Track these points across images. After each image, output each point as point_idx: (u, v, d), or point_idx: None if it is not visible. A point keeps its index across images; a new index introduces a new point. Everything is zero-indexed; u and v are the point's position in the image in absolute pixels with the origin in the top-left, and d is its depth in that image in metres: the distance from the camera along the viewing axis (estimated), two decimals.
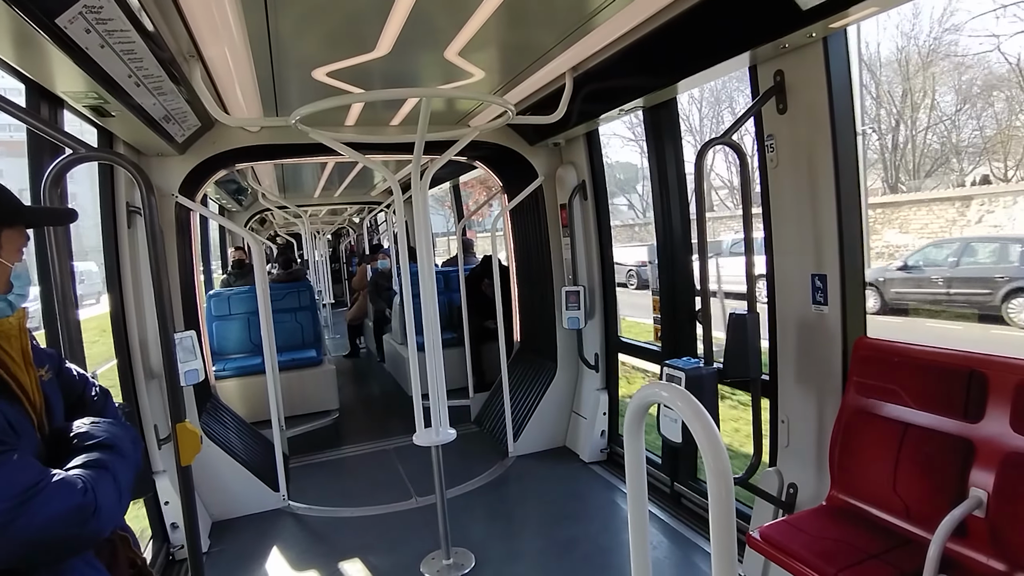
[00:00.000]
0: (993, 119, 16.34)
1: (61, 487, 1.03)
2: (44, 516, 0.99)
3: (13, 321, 1.17)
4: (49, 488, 1.02)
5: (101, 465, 1.12)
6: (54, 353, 1.35)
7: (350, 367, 8.29)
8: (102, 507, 1.07)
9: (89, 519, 1.04)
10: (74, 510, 1.02)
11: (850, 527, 2.11)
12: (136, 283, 3.25)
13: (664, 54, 2.76)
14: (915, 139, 17.98)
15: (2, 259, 1.13)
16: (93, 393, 1.37)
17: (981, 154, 16.53)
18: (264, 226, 13.07)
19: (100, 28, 1.79)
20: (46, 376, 1.24)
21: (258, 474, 3.87)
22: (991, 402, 1.89)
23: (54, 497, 1.01)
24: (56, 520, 1.00)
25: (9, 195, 1.19)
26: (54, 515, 1.00)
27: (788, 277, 2.61)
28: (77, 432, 1.19)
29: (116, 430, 1.23)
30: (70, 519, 1.02)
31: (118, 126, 2.85)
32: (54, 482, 1.03)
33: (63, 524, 1.01)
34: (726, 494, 0.99)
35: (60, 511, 1.01)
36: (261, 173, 6.03)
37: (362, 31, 2.40)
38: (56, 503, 1.01)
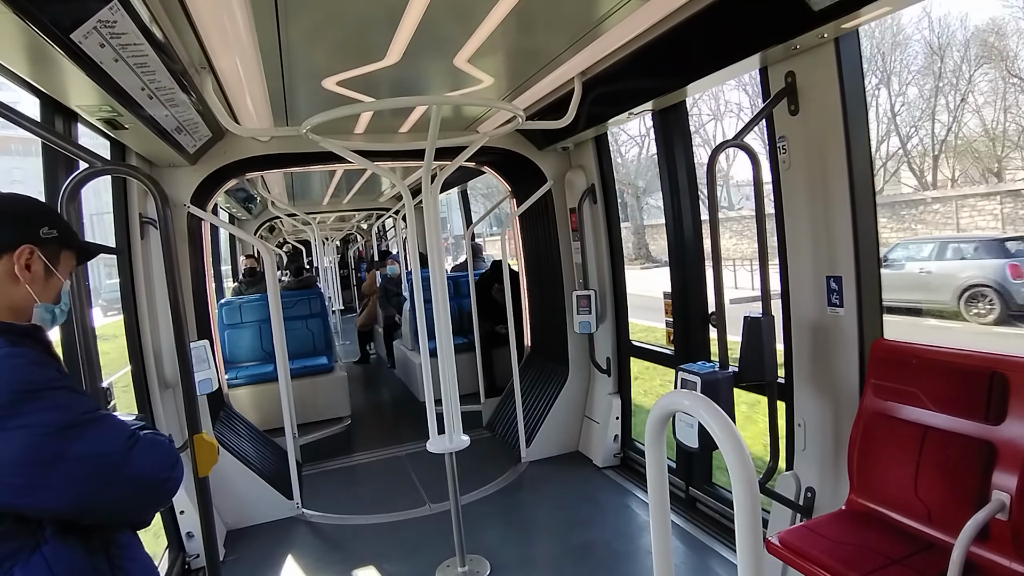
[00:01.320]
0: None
1: (151, 439, 1.19)
2: (145, 461, 1.14)
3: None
4: (144, 437, 1.17)
5: (159, 434, 1.26)
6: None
7: (361, 373, 8.31)
8: (179, 460, 1.23)
9: (176, 464, 1.21)
10: (166, 456, 1.19)
11: (871, 531, 2.08)
12: (150, 294, 3.27)
13: (673, 57, 2.75)
14: None
15: (58, 272, 1.25)
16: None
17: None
18: (273, 233, 13.13)
19: (114, 42, 1.81)
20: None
21: (272, 482, 3.88)
22: (1013, 403, 1.86)
23: (150, 444, 1.17)
24: (155, 463, 1.16)
25: (69, 222, 1.38)
26: (153, 461, 1.16)
27: (803, 279, 2.59)
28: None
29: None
30: (164, 464, 1.18)
31: (131, 138, 2.88)
32: (146, 436, 1.19)
33: (160, 466, 1.17)
34: (752, 502, 0.98)
35: (158, 455, 1.17)
36: (271, 182, 6.06)
37: (372, 40, 2.41)
38: (152, 451, 1.16)
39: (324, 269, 11.52)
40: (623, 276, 4.30)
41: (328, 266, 11.90)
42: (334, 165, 4.64)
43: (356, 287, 13.62)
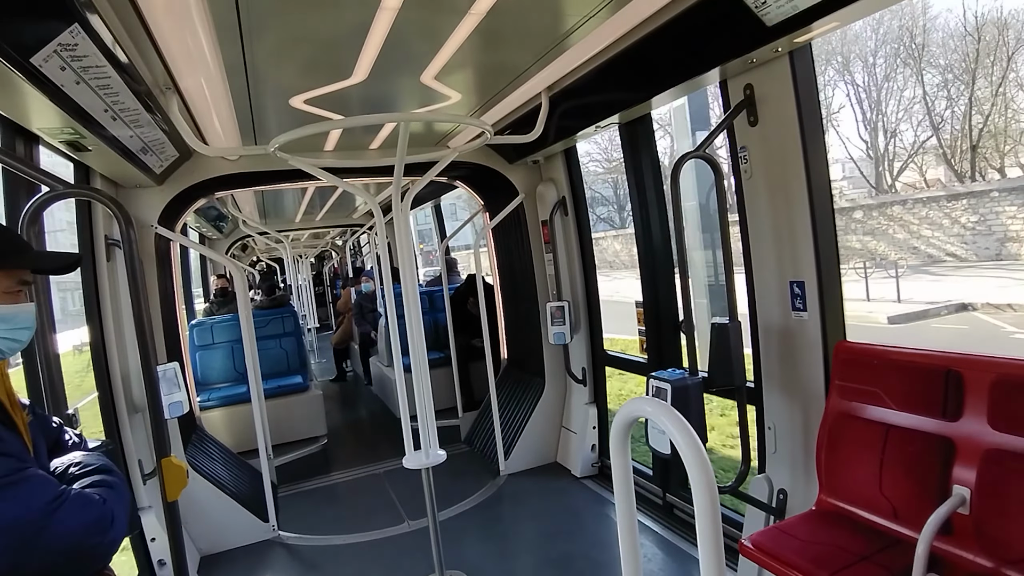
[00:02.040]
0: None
1: (81, 498, 1.10)
2: (69, 525, 1.05)
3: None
4: (71, 500, 1.08)
5: (106, 484, 1.19)
6: (29, 404, 1.36)
7: (337, 391, 8.22)
8: (116, 518, 1.14)
9: (108, 529, 1.12)
10: (96, 519, 1.10)
11: (840, 530, 2.13)
12: (116, 316, 3.22)
13: (637, 71, 2.81)
14: None
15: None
16: (68, 438, 1.40)
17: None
18: (246, 252, 12.98)
19: (75, 65, 1.79)
20: (28, 418, 1.25)
21: (247, 505, 3.81)
22: (968, 400, 1.93)
23: (77, 508, 1.08)
24: (80, 529, 1.07)
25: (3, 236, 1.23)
26: (78, 525, 1.07)
27: (767, 285, 2.66)
28: (71, 463, 1.24)
29: (107, 460, 1.28)
30: (92, 528, 1.09)
31: (95, 160, 2.84)
32: (74, 495, 1.10)
33: (86, 533, 1.08)
34: (711, 505, 1.01)
35: (83, 521, 1.08)
36: (241, 200, 6.01)
37: (339, 58, 2.43)
38: (79, 513, 1.08)
39: (298, 287, 11.40)
40: (596, 286, 4.34)
41: (302, 284, 11.79)
42: (305, 183, 4.62)
43: (331, 304, 13.49)
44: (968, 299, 11.63)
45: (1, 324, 1.17)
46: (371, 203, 3.05)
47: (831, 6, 1.90)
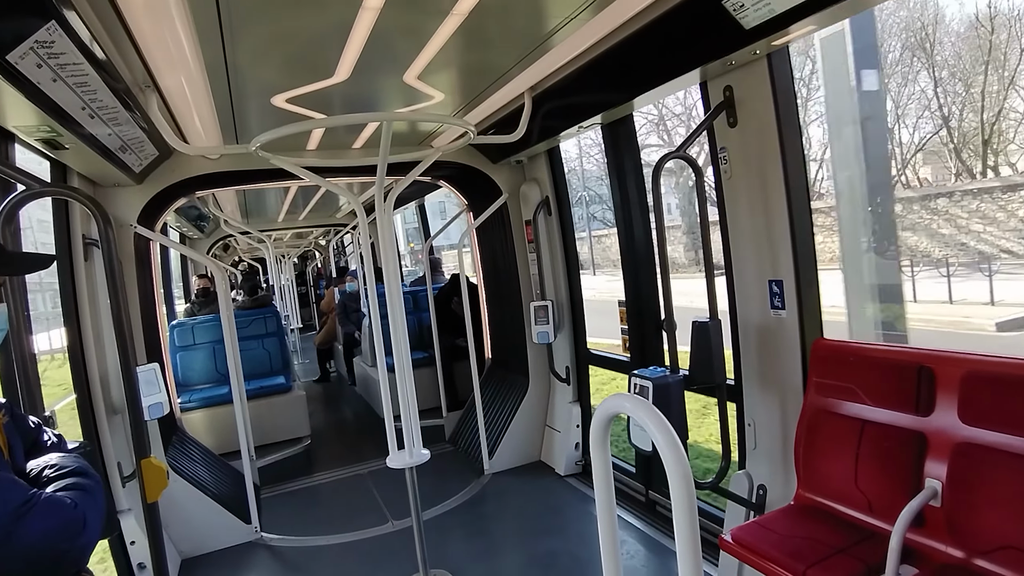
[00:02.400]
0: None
1: (51, 503, 1.09)
2: (39, 529, 1.04)
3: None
4: (41, 504, 1.07)
5: (80, 487, 1.17)
6: (8, 404, 1.34)
7: (321, 392, 8.17)
8: (89, 522, 1.12)
9: (79, 533, 1.10)
10: (65, 524, 1.08)
11: (817, 524, 2.17)
12: (95, 317, 3.17)
13: (619, 72, 2.84)
14: None
15: None
16: (46, 439, 1.38)
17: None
18: (228, 252, 12.84)
19: (52, 62, 1.77)
20: (4, 419, 1.23)
21: (229, 507, 3.78)
22: (939, 395, 1.98)
23: (47, 511, 1.06)
24: (50, 533, 1.05)
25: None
26: (48, 528, 1.05)
27: (747, 284, 2.70)
28: (46, 464, 1.22)
29: (84, 462, 1.27)
30: (62, 532, 1.07)
31: (72, 158, 2.80)
32: (44, 499, 1.09)
33: (56, 537, 1.06)
34: (688, 500, 1.03)
35: (53, 525, 1.06)
36: (223, 199, 5.95)
37: (321, 57, 2.42)
38: (49, 517, 1.06)
39: (281, 287, 11.30)
40: (579, 285, 4.37)
41: (285, 284, 11.68)
42: (288, 182, 4.59)
43: (315, 305, 13.39)
44: None
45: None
46: (354, 203, 3.05)
47: (807, 10, 1.94)
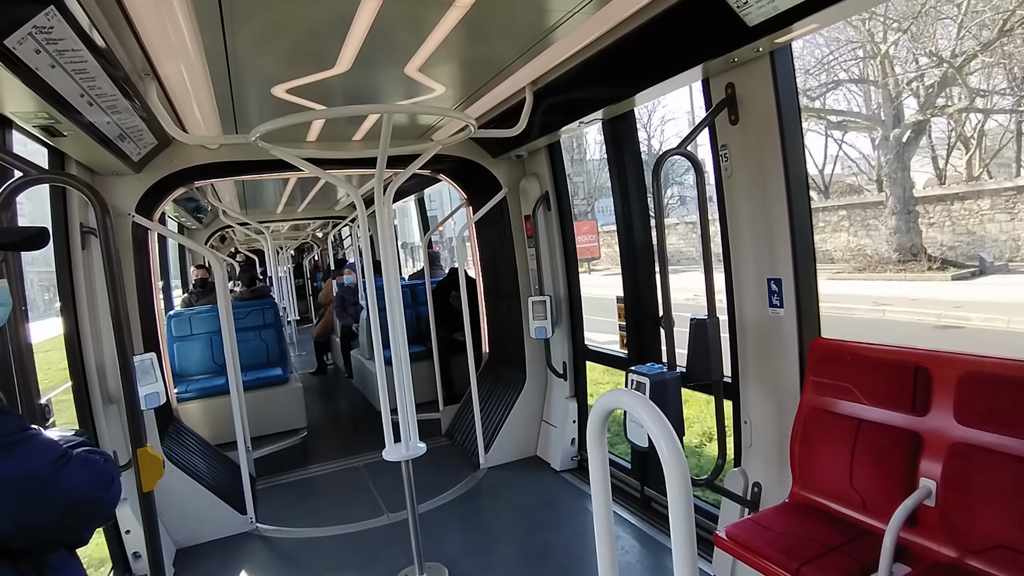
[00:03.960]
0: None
1: (84, 457, 1.16)
2: (78, 478, 1.11)
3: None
4: (77, 456, 1.14)
5: (98, 452, 1.23)
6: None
7: (317, 384, 8.17)
8: (115, 478, 1.21)
9: (109, 485, 1.18)
10: (100, 475, 1.16)
11: (811, 522, 2.18)
12: (92, 306, 3.16)
13: (621, 68, 2.83)
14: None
15: None
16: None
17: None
18: (224, 243, 12.81)
19: (51, 48, 1.76)
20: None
21: (224, 497, 3.78)
22: (935, 395, 1.99)
23: (83, 463, 1.14)
24: (87, 482, 1.13)
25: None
26: (85, 478, 1.13)
27: (745, 282, 2.70)
28: (60, 438, 1.23)
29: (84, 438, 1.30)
30: (98, 482, 1.15)
31: (70, 146, 2.78)
32: (78, 453, 1.15)
33: (93, 487, 1.14)
34: (684, 494, 1.03)
35: (90, 475, 1.14)
36: (221, 190, 5.93)
37: (322, 48, 2.41)
38: (86, 468, 1.14)
39: (279, 279, 11.29)
40: (578, 281, 4.37)
41: (283, 276, 11.67)
42: (287, 173, 4.57)
43: (312, 297, 13.38)
44: None
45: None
46: (353, 195, 3.04)
47: (811, 8, 1.93)
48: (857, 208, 16.22)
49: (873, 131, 15.93)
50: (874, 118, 15.34)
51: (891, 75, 14.74)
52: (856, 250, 15.82)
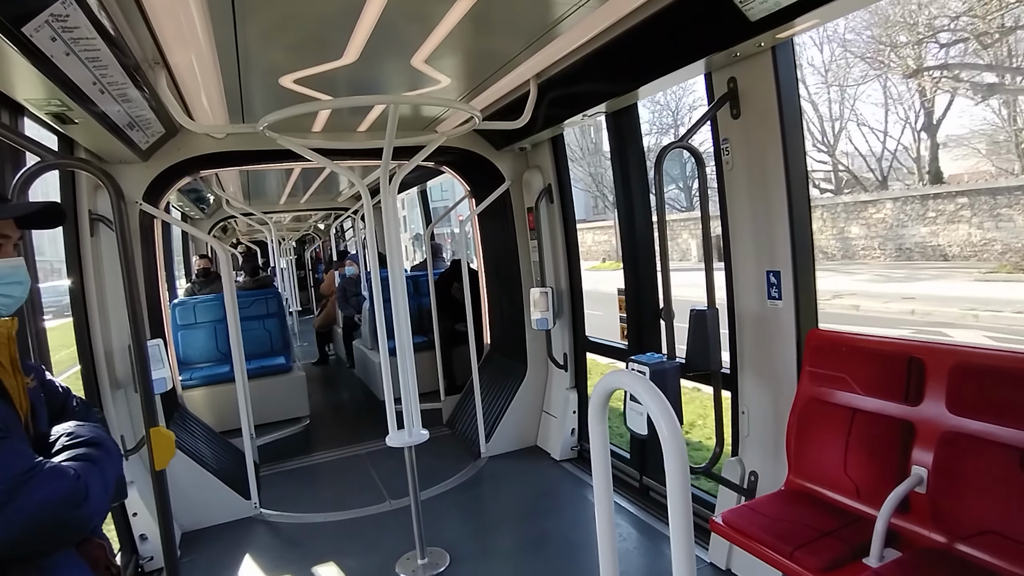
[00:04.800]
0: None
1: (54, 473, 1.09)
2: (39, 498, 1.04)
3: (2, 331, 1.21)
4: (43, 473, 1.07)
5: (89, 458, 1.18)
6: (38, 366, 1.38)
7: (319, 374, 8.23)
8: (91, 495, 1.11)
9: (80, 504, 1.09)
10: (66, 494, 1.07)
11: (806, 508, 2.23)
12: (101, 292, 3.21)
13: (625, 61, 2.86)
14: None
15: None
16: (74, 403, 1.40)
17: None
18: (227, 234, 12.85)
19: (66, 36, 1.79)
20: (31, 383, 1.26)
21: (228, 483, 3.84)
22: (928, 386, 2.03)
23: (48, 481, 1.06)
24: (50, 503, 1.05)
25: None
26: (48, 498, 1.05)
27: (745, 274, 2.74)
28: (63, 432, 1.24)
29: (101, 431, 1.28)
30: (62, 503, 1.06)
31: (80, 133, 2.82)
32: (47, 468, 1.09)
33: (56, 507, 1.06)
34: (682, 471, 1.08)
35: (54, 494, 1.06)
36: (226, 180, 5.97)
37: (330, 39, 2.44)
38: (49, 487, 1.06)
39: (281, 270, 11.34)
40: (579, 273, 4.41)
41: (285, 267, 11.72)
42: (291, 163, 4.61)
43: (313, 288, 13.44)
44: None
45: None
46: (359, 185, 3.08)
47: (812, 3, 1.96)
48: (983, 194, 13.33)
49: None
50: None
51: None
52: (981, 245, 13.43)
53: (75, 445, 1.21)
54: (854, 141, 21.79)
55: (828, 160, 22.09)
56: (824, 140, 21.83)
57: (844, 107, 21.53)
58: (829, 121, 21.74)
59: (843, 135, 21.55)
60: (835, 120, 21.68)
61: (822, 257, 16.00)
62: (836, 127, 21.62)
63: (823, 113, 21.77)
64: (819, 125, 21.70)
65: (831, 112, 21.67)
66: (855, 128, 22.86)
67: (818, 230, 16.13)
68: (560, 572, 2.99)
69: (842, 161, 21.93)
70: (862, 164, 21.42)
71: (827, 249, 16.80)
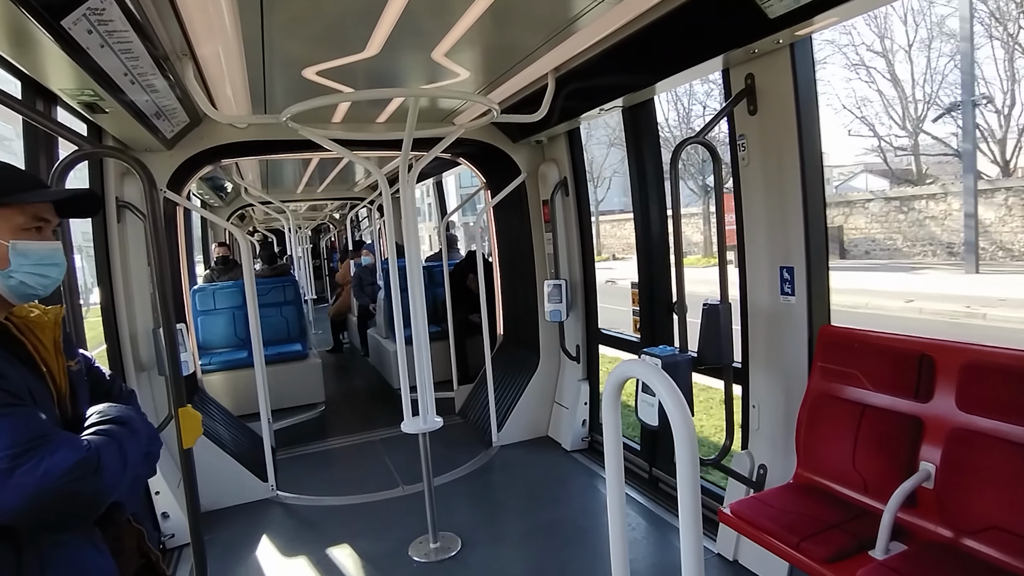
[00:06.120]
0: None
1: (65, 442, 1.09)
2: (46, 466, 1.04)
3: (49, 316, 1.27)
4: (55, 441, 1.07)
5: (108, 434, 1.19)
6: (88, 354, 1.43)
7: (334, 362, 8.34)
8: (104, 468, 1.11)
9: (89, 476, 1.08)
10: (75, 465, 1.06)
11: (813, 501, 2.26)
12: (126, 277, 3.30)
13: (643, 56, 2.88)
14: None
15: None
16: (120, 390, 1.44)
17: None
18: (244, 222, 13.00)
19: (101, 28, 1.86)
20: (75, 367, 1.31)
21: (246, 465, 3.94)
22: (939, 383, 2.05)
23: (58, 450, 1.06)
24: (57, 472, 1.04)
25: (7, 174, 1.21)
26: (56, 467, 1.04)
27: (759, 269, 2.76)
28: (94, 411, 1.27)
29: (131, 412, 1.30)
30: (71, 473, 1.06)
31: (109, 122, 2.90)
32: (60, 438, 1.09)
33: (64, 477, 1.05)
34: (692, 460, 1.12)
35: (62, 464, 1.05)
36: (245, 169, 6.06)
37: (353, 32, 2.49)
38: (59, 456, 1.05)
39: (297, 258, 11.47)
40: (593, 266, 4.45)
41: (301, 255, 11.85)
42: (310, 153, 4.68)
43: (328, 277, 13.57)
44: None
45: (22, 260, 1.18)
46: (378, 175, 3.13)
47: (832, 1, 1.98)
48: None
49: None
50: None
51: None
52: None
53: (99, 423, 1.22)
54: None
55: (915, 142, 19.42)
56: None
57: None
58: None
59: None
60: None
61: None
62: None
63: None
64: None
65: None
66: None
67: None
68: (570, 559, 3.05)
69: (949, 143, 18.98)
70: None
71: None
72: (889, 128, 19.40)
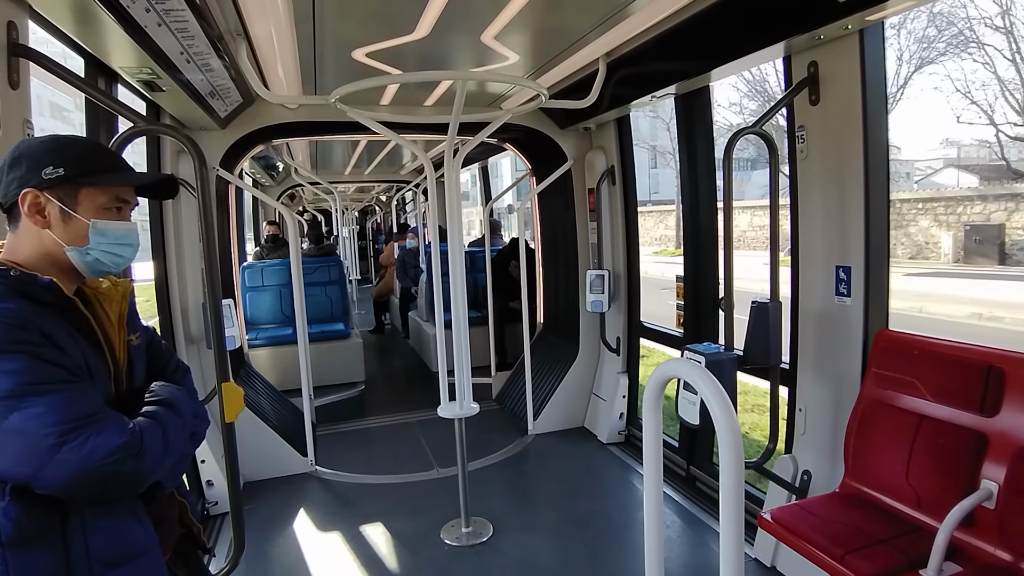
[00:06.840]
0: None
1: (113, 423, 1.12)
2: (92, 445, 1.06)
3: (118, 289, 1.30)
4: (102, 421, 1.10)
5: (154, 416, 1.21)
6: (150, 328, 1.45)
7: (375, 342, 8.47)
8: (146, 451, 1.13)
9: (130, 459, 1.10)
10: (118, 447, 1.09)
11: (861, 513, 2.16)
12: (179, 253, 3.40)
13: (699, 42, 2.77)
14: None
15: (77, 215, 1.19)
16: (174, 366, 1.46)
17: None
18: (293, 201, 13.30)
19: (159, 7, 1.89)
20: (136, 341, 1.34)
21: (287, 439, 4.04)
22: (1007, 397, 1.92)
23: (104, 430, 1.09)
24: (101, 452, 1.07)
25: (95, 154, 1.25)
26: (100, 447, 1.07)
27: (813, 268, 2.64)
28: (150, 391, 1.30)
29: (179, 393, 1.32)
30: (113, 455, 1.08)
31: (166, 100, 2.97)
32: (108, 418, 1.12)
33: (106, 458, 1.07)
34: (736, 468, 1.06)
35: (106, 444, 1.08)
36: (295, 149, 6.17)
37: (403, 13, 2.47)
38: (104, 436, 1.08)
39: (344, 239, 11.67)
40: (637, 257, 4.35)
41: (347, 236, 12.06)
42: (358, 135, 4.71)
43: (373, 258, 13.78)
44: None
45: (100, 239, 1.21)
46: (424, 159, 3.12)
47: None
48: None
49: None
50: None
51: None
52: None
53: (151, 403, 1.25)
54: None
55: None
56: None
57: None
58: None
59: None
60: None
61: None
62: None
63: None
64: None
65: None
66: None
67: None
68: (601, 553, 3.02)
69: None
70: None
71: None
72: (1005, 116, 16.86)
